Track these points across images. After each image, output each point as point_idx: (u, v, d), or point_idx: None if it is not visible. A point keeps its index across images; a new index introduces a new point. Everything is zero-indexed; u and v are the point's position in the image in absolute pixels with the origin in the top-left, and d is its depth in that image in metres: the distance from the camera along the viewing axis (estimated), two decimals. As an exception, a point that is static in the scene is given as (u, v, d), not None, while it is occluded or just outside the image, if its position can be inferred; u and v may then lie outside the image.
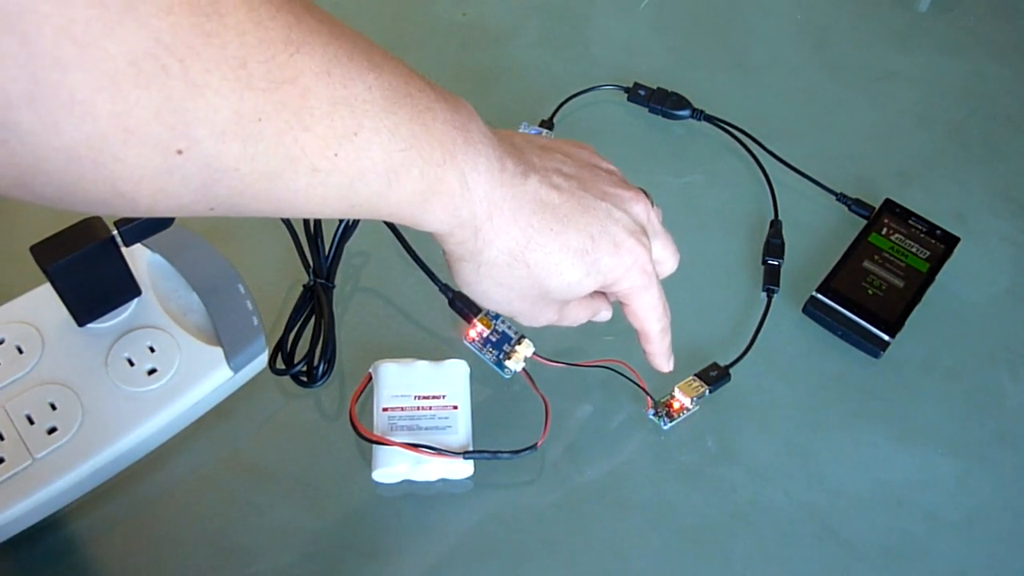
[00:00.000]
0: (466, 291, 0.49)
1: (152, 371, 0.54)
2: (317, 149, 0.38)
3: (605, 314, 0.55)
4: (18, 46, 0.29)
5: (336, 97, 0.38)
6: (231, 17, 0.33)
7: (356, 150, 0.39)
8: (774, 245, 0.64)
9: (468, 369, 0.57)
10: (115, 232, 0.52)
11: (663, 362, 0.55)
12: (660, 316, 0.52)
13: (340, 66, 0.38)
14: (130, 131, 0.33)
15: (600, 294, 0.54)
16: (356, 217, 0.44)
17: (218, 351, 0.55)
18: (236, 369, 0.55)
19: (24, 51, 0.29)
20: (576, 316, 0.53)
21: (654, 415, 0.57)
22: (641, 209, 0.51)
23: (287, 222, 0.58)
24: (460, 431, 0.54)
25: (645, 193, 0.52)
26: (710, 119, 0.70)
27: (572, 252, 0.47)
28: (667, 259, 0.54)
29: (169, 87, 0.33)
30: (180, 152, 0.34)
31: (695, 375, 0.58)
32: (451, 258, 0.48)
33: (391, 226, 0.60)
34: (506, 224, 0.45)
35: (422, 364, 0.56)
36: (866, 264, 0.62)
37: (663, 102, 0.70)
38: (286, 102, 0.36)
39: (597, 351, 0.59)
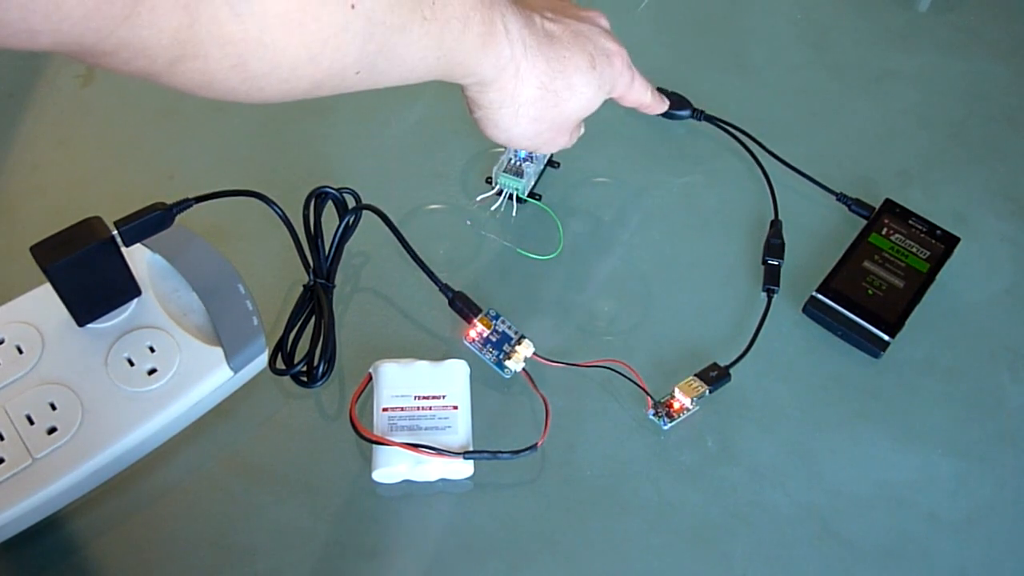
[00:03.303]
0: (503, 137, 0.56)
1: (152, 371, 0.54)
2: None
3: (582, 129, 0.63)
4: None
5: None
6: None
7: None
8: (774, 245, 0.64)
9: (468, 369, 0.57)
10: (115, 232, 0.52)
11: (661, 107, 0.65)
12: (646, 86, 0.62)
13: None
14: None
15: None
16: (435, 76, 0.50)
17: (218, 351, 0.55)
18: (236, 369, 0.55)
19: None
20: (578, 134, 0.62)
21: (654, 415, 0.57)
22: (605, 20, 0.60)
23: (287, 222, 0.58)
24: (460, 431, 0.54)
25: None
26: (710, 119, 0.70)
27: (583, 72, 0.55)
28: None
29: None
30: (353, 6, 0.40)
31: (695, 375, 0.58)
32: (491, 108, 0.54)
33: (391, 226, 0.60)
34: (535, 60, 0.52)
35: (422, 364, 0.56)
36: (866, 264, 0.62)
37: (663, 102, 0.71)
38: None
39: (597, 351, 0.59)
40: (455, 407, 0.55)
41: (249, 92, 0.41)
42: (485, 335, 0.58)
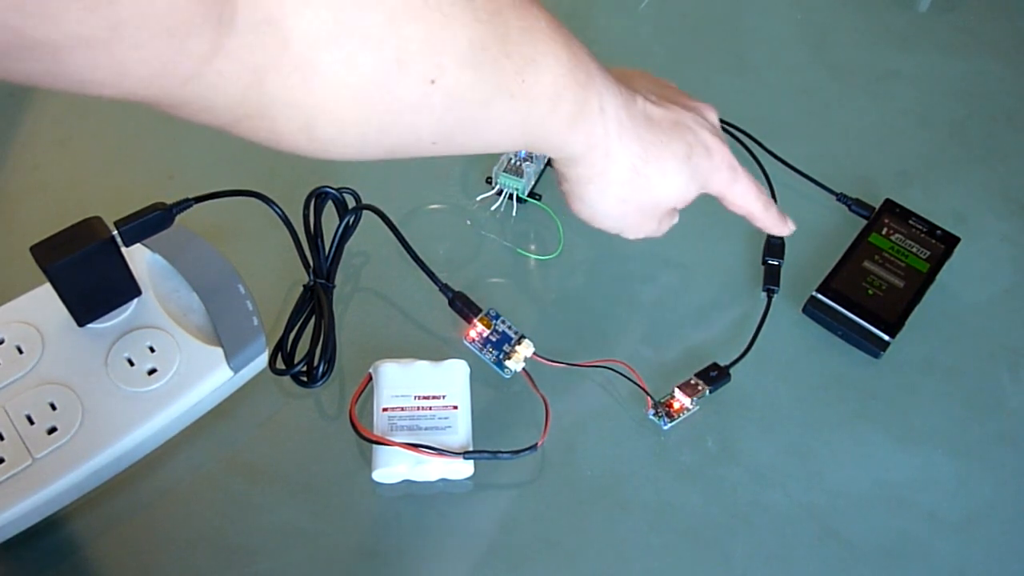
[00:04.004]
0: (587, 214, 0.55)
1: (152, 371, 0.54)
2: (512, 74, 0.43)
3: (676, 218, 0.60)
4: None
5: (522, 26, 0.43)
6: None
7: (535, 74, 0.44)
8: (774, 245, 0.63)
9: (468, 369, 0.57)
10: (115, 232, 0.52)
11: (780, 228, 0.60)
12: (757, 195, 0.58)
13: None
14: (403, 62, 0.38)
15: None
16: (520, 148, 0.50)
17: (218, 351, 0.55)
18: (236, 369, 0.55)
19: None
20: (669, 223, 0.59)
21: (654, 415, 0.57)
22: (715, 116, 0.58)
23: (287, 222, 0.58)
24: (460, 431, 0.54)
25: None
26: (710, 119, 0.70)
27: (679, 160, 0.53)
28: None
29: (429, 19, 0.38)
30: (433, 82, 0.39)
31: (695, 375, 0.58)
32: (578, 183, 0.53)
33: (391, 226, 0.60)
34: (629, 141, 0.51)
35: (422, 364, 0.56)
36: (866, 264, 0.62)
37: (663, 102, 0.70)
38: (497, 31, 0.41)
39: (597, 351, 0.59)
40: (455, 407, 0.55)
41: (316, 152, 0.41)
42: (485, 335, 0.58)
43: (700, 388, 0.57)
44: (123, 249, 0.53)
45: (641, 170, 0.52)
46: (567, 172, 0.53)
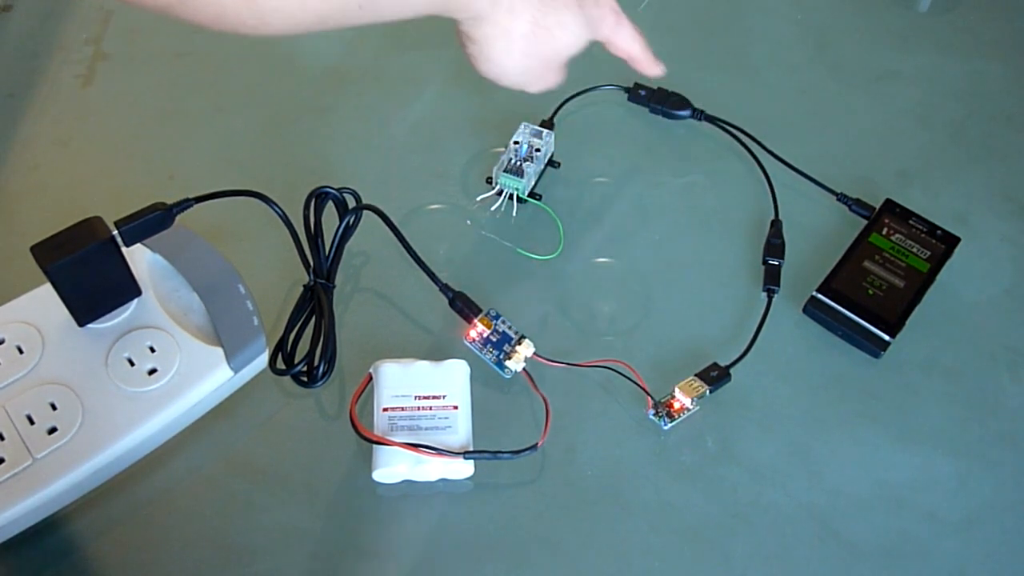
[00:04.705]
0: (495, 72, 0.58)
1: (152, 371, 0.54)
2: None
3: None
4: None
5: None
6: None
7: None
8: (774, 245, 0.64)
9: (468, 369, 0.57)
10: (115, 232, 0.52)
11: (654, 68, 0.63)
12: (636, 38, 0.62)
13: None
14: None
15: None
16: (433, 11, 0.53)
17: (218, 351, 0.55)
18: (236, 369, 0.55)
19: None
20: (562, 76, 0.61)
21: (654, 415, 0.57)
22: None
23: (287, 222, 0.58)
24: (460, 431, 0.54)
25: None
26: (710, 119, 0.70)
27: (572, 10, 0.57)
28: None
29: None
30: None
31: (695, 375, 0.58)
32: (485, 42, 0.56)
33: (391, 226, 0.60)
34: None
35: (422, 364, 0.56)
36: (866, 264, 0.62)
37: (663, 102, 0.70)
38: None
39: (597, 351, 0.59)
40: (455, 407, 0.55)
41: (257, 26, 0.44)
42: (485, 335, 0.58)
43: (700, 388, 0.57)
44: (123, 249, 0.53)
45: (541, 22, 0.55)
46: (473, 33, 0.56)
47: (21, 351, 0.54)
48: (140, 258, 0.57)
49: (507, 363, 0.57)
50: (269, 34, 0.46)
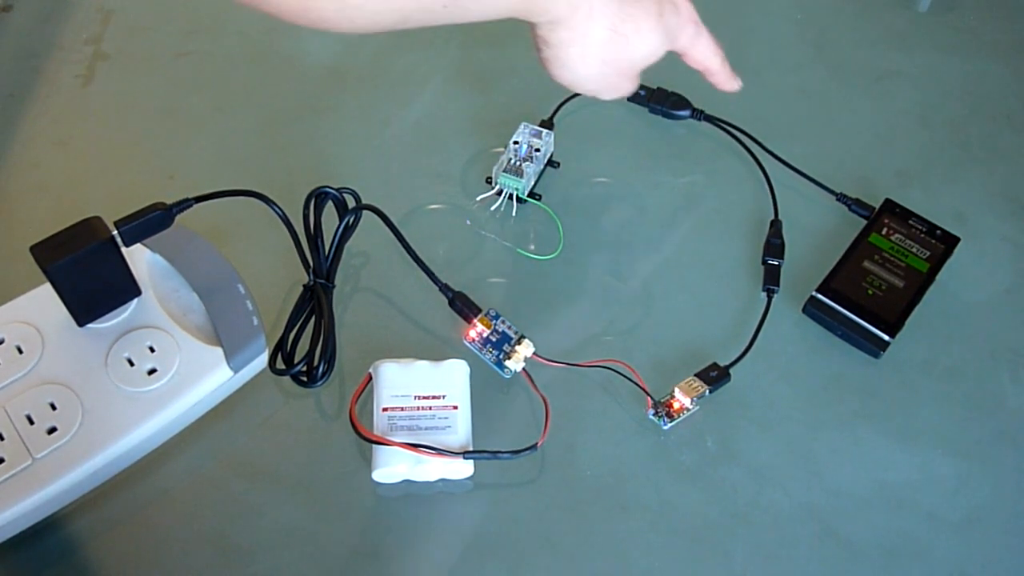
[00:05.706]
0: (568, 78, 0.56)
1: (152, 371, 0.54)
2: None
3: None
4: None
5: None
6: None
7: None
8: (774, 245, 0.64)
9: (468, 369, 0.57)
10: (115, 232, 0.52)
11: (731, 83, 0.63)
12: (716, 51, 0.61)
13: None
14: None
15: None
16: (514, 13, 0.52)
17: (218, 351, 0.55)
18: (236, 369, 0.55)
19: None
20: (636, 84, 0.61)
21: (654, 415, 0.57)
22: None
23: (287, 222, 0.58)
24: (460, 431, 0.54)
25: None
26: (710, 119, 0.70)
27: (652, 18, 0.55)
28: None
29: None
30: None
31: (695, 375, 0.58)
32: (561, 47, 0.54)
33: (391, 226, 0.60)
34: (606, 3, 0.53)
35: (422, 364, 0.56)
36: (866, 264, 0.62)
37: (663, 102, 0.70)
38: None
39: (597, 351, 0.59)
40: (455, 407, 0.55)
41: (340, 22, 0.45)
42: (485, 335, 0.58)
43: (700, 388, 0.57)
44: (123, 249, 0.53)
45: (619, 29, 0.54)
46: (549, 37, 0.54)
47: (21, 351, 0.54)
48: (140, 258, 0.57)
49: (507, 363, 0.57)
50: (353, 30, 0.46)
